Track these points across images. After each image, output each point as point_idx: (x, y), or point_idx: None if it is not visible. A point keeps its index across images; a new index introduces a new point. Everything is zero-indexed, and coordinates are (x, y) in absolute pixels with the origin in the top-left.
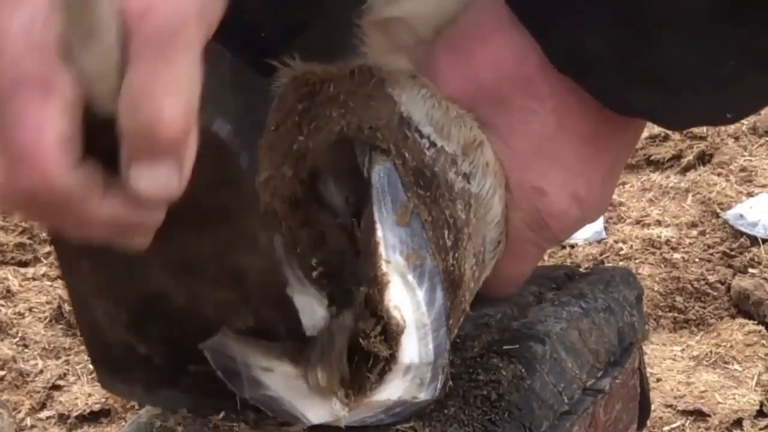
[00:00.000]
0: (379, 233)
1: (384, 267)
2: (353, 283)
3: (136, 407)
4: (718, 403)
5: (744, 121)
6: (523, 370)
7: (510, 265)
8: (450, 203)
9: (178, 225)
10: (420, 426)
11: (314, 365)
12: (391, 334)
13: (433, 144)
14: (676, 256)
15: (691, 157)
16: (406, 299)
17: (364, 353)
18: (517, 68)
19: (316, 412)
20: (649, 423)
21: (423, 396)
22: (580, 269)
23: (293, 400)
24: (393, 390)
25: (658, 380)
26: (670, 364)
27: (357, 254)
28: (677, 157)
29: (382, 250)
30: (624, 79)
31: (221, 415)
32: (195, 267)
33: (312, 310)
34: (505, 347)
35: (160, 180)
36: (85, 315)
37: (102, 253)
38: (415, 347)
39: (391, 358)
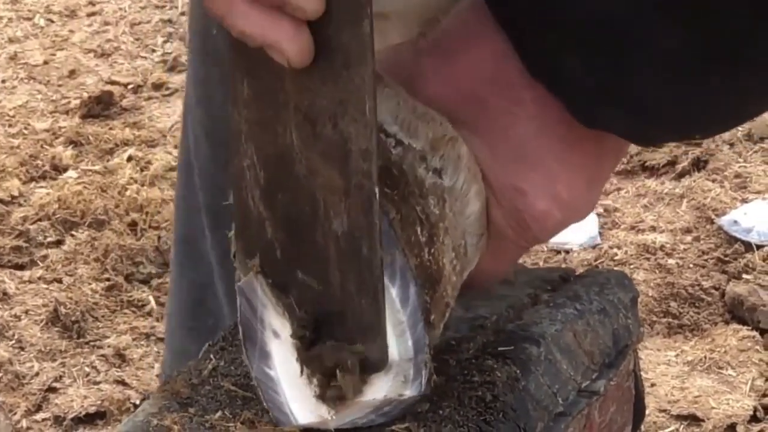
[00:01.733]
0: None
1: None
2: None
3: (132, 409)
4: (712, 408)
5: (739, 128)
6: (517, 372)
7: (489, 262)
8: (421, 199)
9: (311, 64)
10: (415, 426)
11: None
12: None
13: (399, 142)
14: (671, 261)
15: (686, 164)
16: None
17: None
18: (498, 72)
19: (304, 413)
20: (643, 427)
21: (409, 393)
22: (575, 272)
23: (287, 388)
24: (378, 389)
25: (653, 385)
26: (665, 369)
27: None
28: (672, 163)
29: None
30: (596, 99)
31: (218, 414)
32: (317, 125)
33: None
34: (500, 349)
35: None
36: (236, 165)
37: (258, 74)
38: (393, 345)
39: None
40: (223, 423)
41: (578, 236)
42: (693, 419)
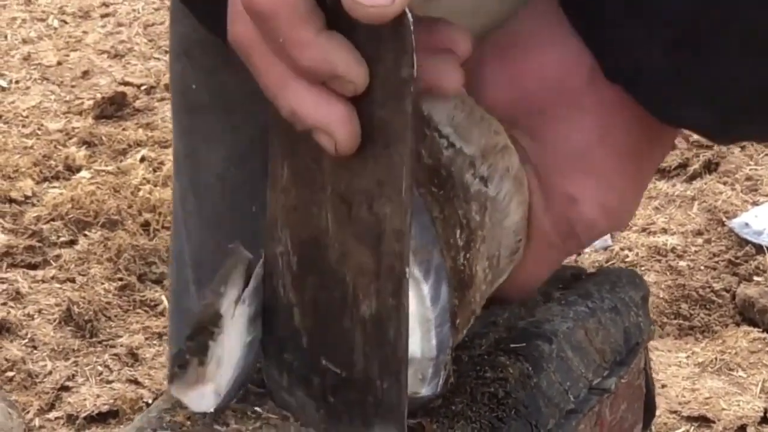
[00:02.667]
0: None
1: None
2: None
3: (144, 408)
4: (723, 409)
5: None
6: (529, 368)
7: (531, 269)
8: (464, 204)
9: None
10: (427, 422)
11: None
12: None
13: (451, 144)
14: (682, 263)
15: (697, 166)
16: (411, 293)
17: None
18: (563, 79)
19: None
20: (654, 428)
21: (425, 392)
22: (587, 270)
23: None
24: None
25: (664, 386)
26: (675, 370)
27: None
28: (683, 165)
29: None
30: (678, 93)
31: (230, 411)
32: (353, 206)
33: None
34: (512, 345)
35: None
36: (270, 253)
37: (299, 159)
38: (417, 342)
39: None
40: (236, 419)
41: None
42: (703, 420)
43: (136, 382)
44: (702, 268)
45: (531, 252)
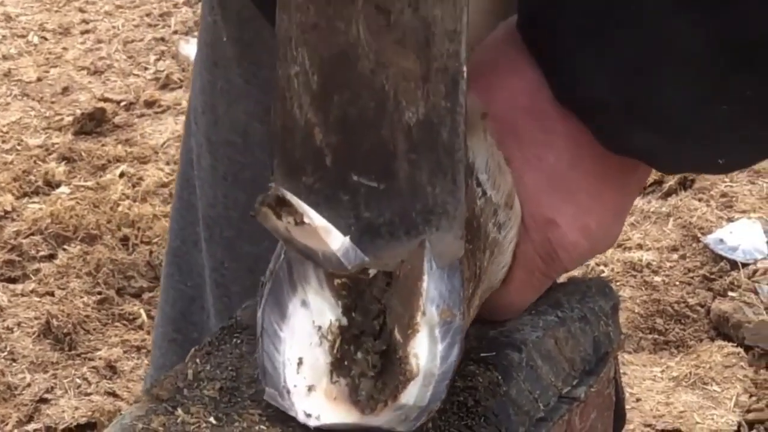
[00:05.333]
0: (425, 284)
1: (418, 317)
2: (374, 307)
3: None
4: (697, 423)
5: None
6: (499, 377)
7: (517, 294)
8: (481, 254)
9: None
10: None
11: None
12: (401, 380)
13: (484, 193)
14: (657, 279)
15: (672, 182)
16: (425, 350)
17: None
18: (533, 104)
19: (298, 406)
20: None
21: (402, 428)
22: (557, 280)
23: (291, 356)
24: (377, 419)
25: (638, 400)
26: (650, 384)
27: (388, 284)
28: (659, 182)
29: (422, 301)
30: (625, 121)
31: (203, 418)
32: (392, 12)
33: (323, 313)
34: (482, 354)
35: None
36: (282, 74)
37: None
38: (414, 393)
39: (392, 399)
40: (210, 426)
41: None
42: None
43: (114, 394)
44: (677, 283)
45: (516, 277)
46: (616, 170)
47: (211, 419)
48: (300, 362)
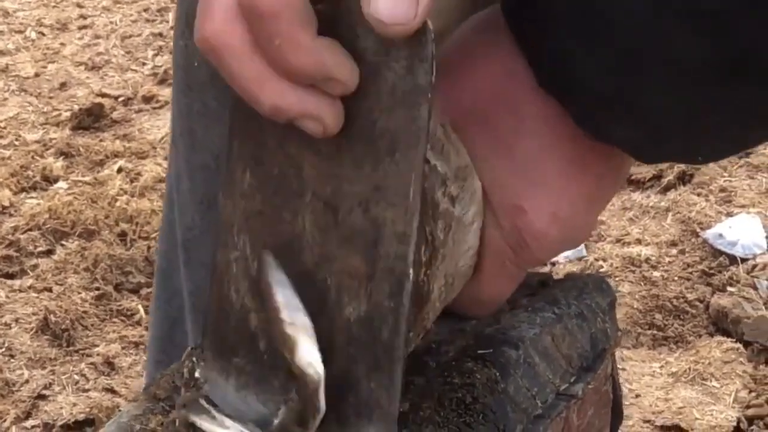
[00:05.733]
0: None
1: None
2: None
3: None
4: (696, 419)
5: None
6: (497, 374)
7: (490, 285)
8: (432, 221)
9: (343, 149)
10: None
11: None
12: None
13: (426, 161)
14: (656, 274)
15: (671, 177)
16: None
17: None
18: (503, 90)
19: None
20: None
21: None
22: (554, 276)
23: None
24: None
25: (637, 396)
26: (649, 380)
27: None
28: (658, 176)
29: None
30: (607, 110)
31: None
32: (340, 211)
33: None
34: (479, 352)
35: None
36: (220, 258)
37: (269, 166)
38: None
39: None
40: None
41: None
42: (677, 430)
43: (112, 390)
44: (676, 278)
45: (486, 267)
46: (590, 157)
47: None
48: None
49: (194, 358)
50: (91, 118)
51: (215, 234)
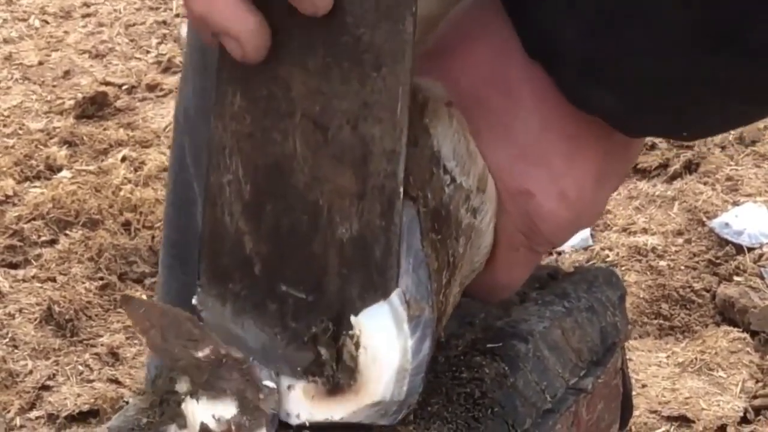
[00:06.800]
0: None
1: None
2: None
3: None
4: (703, 409)
5: (731, 131)
6: (506, 368)
7: (505, 272)
8: (454, 241)
9: (330, 65)
10: (403, 424)
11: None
12: (355, 368)
13: (453, 180)
14: (662, 263)
15: (677, 166)
16: (395, 346)
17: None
18: (496, 71)
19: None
20: (634, 428)
21: (383, 422)
22: (564, 269)
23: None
24: (357, 415)
25: (644, 386)
26: (656, 370)
27: None
28: (664, 165)
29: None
30: (589, 76)
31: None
32: (330, 129)
33: None
34: (488, 345)
35: None
36: (213, 181)
37: (258, 87)
38: (390, 388)
39: (353, 389)
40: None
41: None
42: (684, 420)
43: (116, 381)
44: (682, 268)
45: (499, 255)
46: (591, 133)
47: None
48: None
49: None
50: (94, 107)
51: (207, 158)
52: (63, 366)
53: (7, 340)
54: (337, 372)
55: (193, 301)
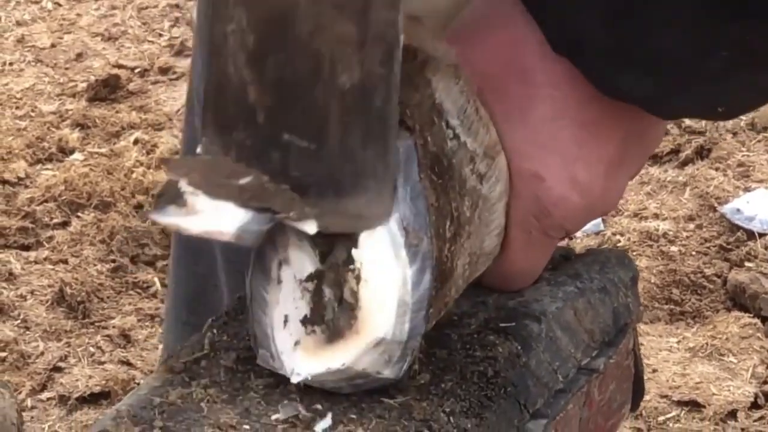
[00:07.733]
0: None
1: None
2: (347, 245)
3: None
4: (713, 394)
5: (742, 117)
6: (519, 348)
7: (521, 257)
8: (458, 197)
9: None
10: (416, 400)
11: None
12: (356, 304)
13: (456, 136)
14: (673, 249)
15: (689, 152)
16: (395, 274)
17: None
18: (514, 57)
19: (287, 365)
20: (644, 413)
21: (387, 373)
22: (576, 251)
23: (277, 318)
24: (359, 359)
25: (654, 371)
26: (666, 355)
27: None
28: (675, 151)
29: None
30: (617, 63)
31: (220, 389)
32: None
33: (303, 266)
34: (501, 325)
35: None
36: (217, 32)
37: None
38: (391, 323)
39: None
40: (225, 397)
41: None
42: (694, 405)
43: (128, 363)
44: (693, 253)
45: (512, 240)
46: (607, 120)
47: (224, 396)
48: (286, 319)
49: (214, 330)
50: (107, 90)
51: (209, 7)
52: (74, 348)
53: (19, 321)
54: (337, 312)
55: (198, 150)
